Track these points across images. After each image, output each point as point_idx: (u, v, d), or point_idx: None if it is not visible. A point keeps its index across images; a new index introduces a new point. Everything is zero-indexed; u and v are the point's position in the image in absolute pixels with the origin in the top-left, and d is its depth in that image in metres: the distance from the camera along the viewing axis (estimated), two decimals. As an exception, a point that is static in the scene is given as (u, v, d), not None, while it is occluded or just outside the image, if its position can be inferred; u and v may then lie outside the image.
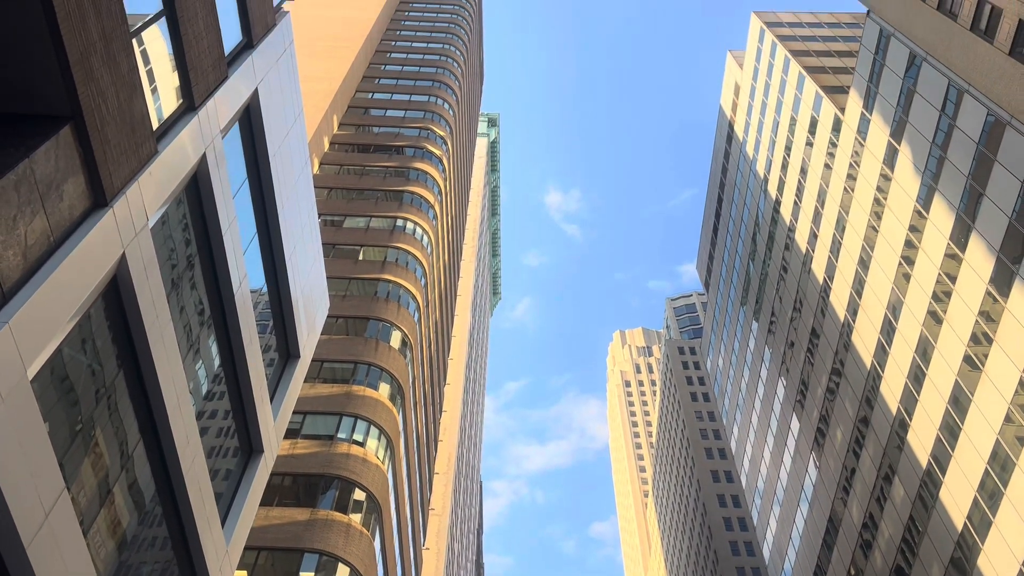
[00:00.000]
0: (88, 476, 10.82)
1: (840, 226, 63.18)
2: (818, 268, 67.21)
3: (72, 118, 10.29)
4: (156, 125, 12.85)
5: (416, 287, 47.15)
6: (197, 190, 14.59)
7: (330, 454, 33.84)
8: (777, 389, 77.03)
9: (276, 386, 19.89)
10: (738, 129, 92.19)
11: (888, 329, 54.47)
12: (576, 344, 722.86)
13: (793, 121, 73.94)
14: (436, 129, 64.20)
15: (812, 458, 67.84)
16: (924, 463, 49.08)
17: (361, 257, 47.27)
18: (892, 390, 53.62)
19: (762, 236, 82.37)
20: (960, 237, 45.68)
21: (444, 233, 64.71)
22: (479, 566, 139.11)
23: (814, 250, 68.20)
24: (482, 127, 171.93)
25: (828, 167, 66.00)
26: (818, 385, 66.59)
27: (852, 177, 61.39)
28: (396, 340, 42.36)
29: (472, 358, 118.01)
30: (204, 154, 14.38)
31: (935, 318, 48.21)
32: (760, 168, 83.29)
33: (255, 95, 17.26)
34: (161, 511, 13.32)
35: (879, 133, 57.01)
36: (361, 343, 40.56)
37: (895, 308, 53.55)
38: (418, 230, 51.71)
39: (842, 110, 64.04)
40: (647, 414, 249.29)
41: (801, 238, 71.20)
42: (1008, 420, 40.50)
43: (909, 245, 51.95)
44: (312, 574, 29.42)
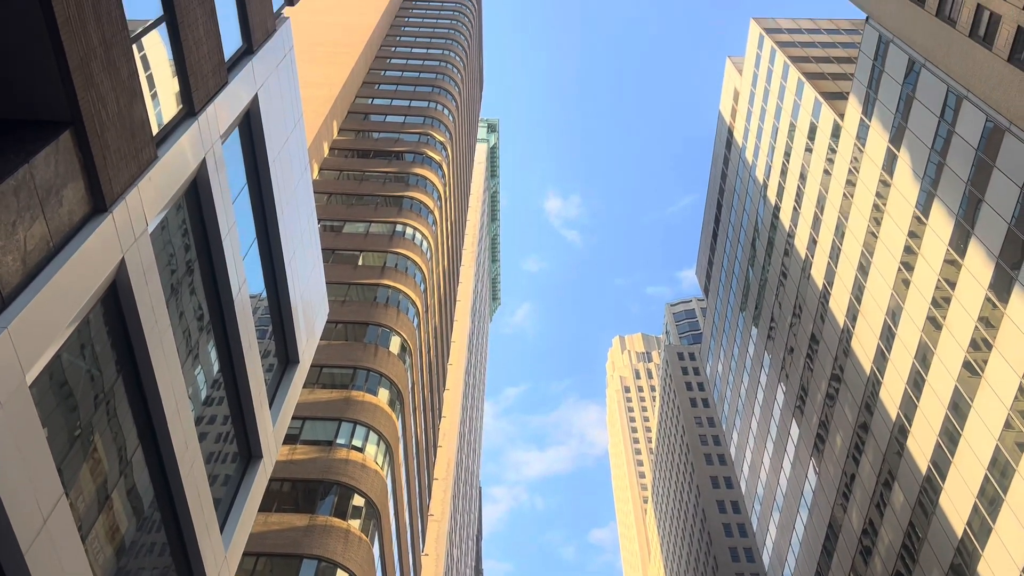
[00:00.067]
0: (87, 481, 10.81)
1: (839, 232, 63.23)
2: (817, 274, 67.23)
3: (72, 123, 10.30)
4: (156, 130, 12.86)
5: (415, 292, 47.14)
6: (197, 195, 14.60)
7: (329, 460, 33.79)
8: (777, 395, 76.98)
9: (275, 391, 19.88)
10: (737, 135, 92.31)
11: (888, 335, 54.46)
12: (576, 350, 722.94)
13: (792, 127, 74.04)
14: (436, 135, 64.26)
15: (812, 464, 67.77)
16: (924, 469, 49.02)
17: (360, 262, 47.27)
18: (892, 396, 53.59)
19: (761, 242, 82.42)
20: (959, 243, 45.71)
21: (444, 238, 64.73)
22: (478, 572, 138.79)
23: (813, 256, 68.24)
24: (482, 133, 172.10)
25: (827, 173, 66.08)
26: (818, 391, 66.55)
27: (851, 183, 61.45)
28: (395, 345, 42.34)
29: (471, 364, 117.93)
30: (204, 159, 14.39)
31: (934, 324, 48.22)
32: (759, 174, 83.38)
33: (255, 101, 17.28)
34: (160, 516, 13.29)
35: (878, 139, 57.09)
36: (360, 348, 40.54)
37: (894, 314, 53.55)
38: (417, 235, 51.72)
39: (841, 116, 64.14)
40: (647, 420, 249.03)
41: (800, 244, 71.25)
42: (1008, 426, 40.47)
43: (908, 251, 51.98)
44: (311, 580, 29.35)
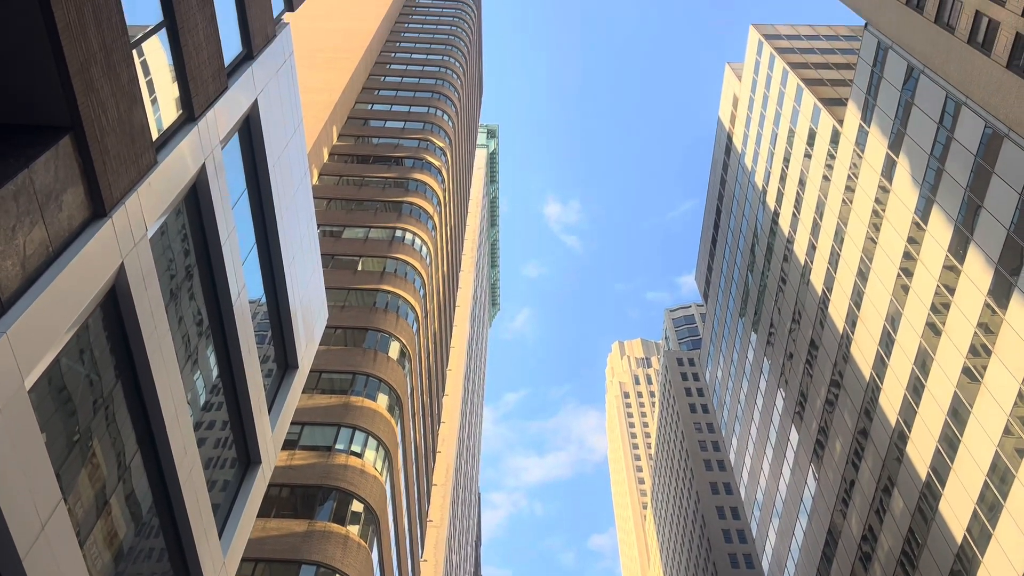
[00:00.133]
0: (85, 487, 10.79)
1: (839, 238, 63.26)
2: (817, 279, 67.25)
3: (72, 128, 10.30)
4: (156, 136, 12.87)
5: (415, 298, 47.14)
6: (196, 201, 14.60)
7: (328, 465, 33.74)
8: (776, 400, 76.93)
9: (274, 397, 19.86)
10: (737, 141, 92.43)
11: (887, 341, 54.46)
12: (575, 355, 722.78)
13: (791, 133, 74.13)
14: (435, 140, 64.33)
15: (811, 470, 67.69)
16: (923, 475, 48.97)
17: (360, 268, 47.28)
18: (891, 402, 53.56)
19: (761, 247, 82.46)
20: (958, 249, 45.74)
21: (443, 244, 64.74)
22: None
23: (813, 261, 68.26)
24: (481, 138, 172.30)
25: (826, 179, 66.15)
26: (817, 397, 66.50)
27: (850, 189, 61.51)
28: (394, 351, 42.31)
29: (471, 369, 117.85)
30: (203, 165, 14.40)
31: (934, 330, 48.22)
32: (759, 180, 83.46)
33: (255, 106, 17.30)
34: (158, 522, 13.26)
35: (877, 145, 57.17)
36: (359, 354, 40.51)
37: (894, 320, 53.55)
38: (417, 241, 51.73)
39: (840, 122, 64.23)
40: (646, 425, 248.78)
41: (800, 249, 71.28)
42: (1007, 432, 40.44)
43: (908, 257, 52.00)
44: (309, 586, 29.28)
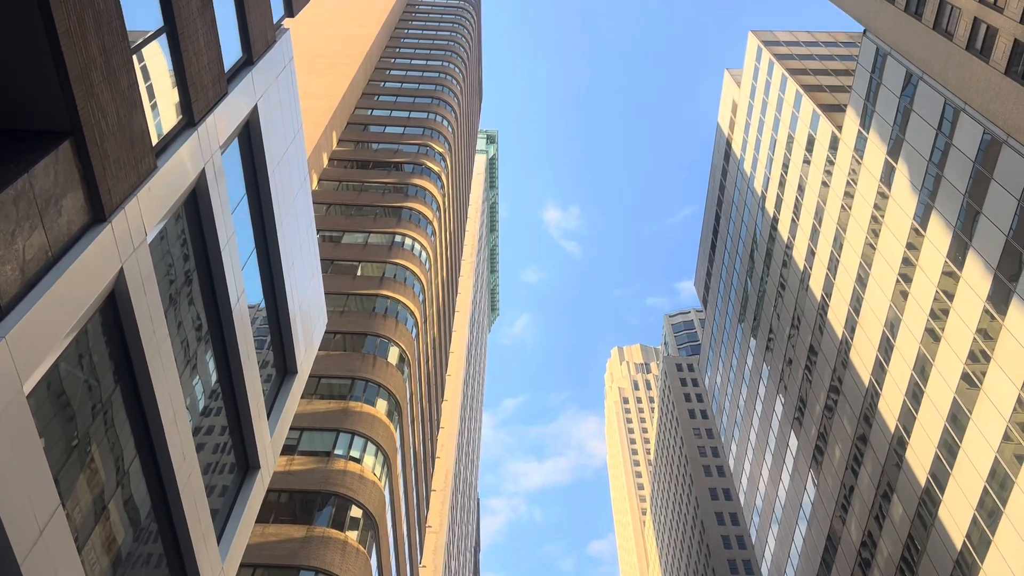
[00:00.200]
0: (83, 492, 10.77)
1: (838, 243, 63.31)
2: (816, 285, 67.27)
3: (72, 133, 10.31)
4: (155, 141, 12.88)
5: (414, 303, 47.13)
6: (196, 206, 14.61)
7: (327, 471, 33.69)
8: (775, 406, 76.88)
9: (273, 402, 19.84)
10: (736, 147, 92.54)
11: (886, 347, 54.46)
12: (574, 361, 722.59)
13: (790, 139, 74.24)
14: (435, 146, 64.40)
15: (810, 476, 67.62)
16: (923, 481, 48.92)
17: (359, 273, 47.27)
18: (890, 408, 53.54)
19: (760, 253, 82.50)
20: (957, 255, 45.78)
21: (442, 249, 64.76)
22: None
23: (812, 267, 68.30)
24: (481, 144, 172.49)
25: (825, 185, 66.22)
26: (816, 402, 66.47)
27: (849, 195, 61.58)
28: (394, 356, 42.29)
29: (470, 374, 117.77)
30: (203, 170, 14.41)
31: (933, 336, 48.22)
32: (758, 186, 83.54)
33: (255, 111, 17.31)
34: (156, 528, 13.24)
35: (876, 151, 57.25)
36: (359, 359, 40.49)
37: (893, 326, 53.56)
38: (416, 246, 51.74)
39: (839, 128, 64.33)
40: (645, 431, 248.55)
41: (799, 255, 71.32)
42: (1007, 438, 40.42)
43: (906, 263, 52.04)
44: (308, 592, 29.22)
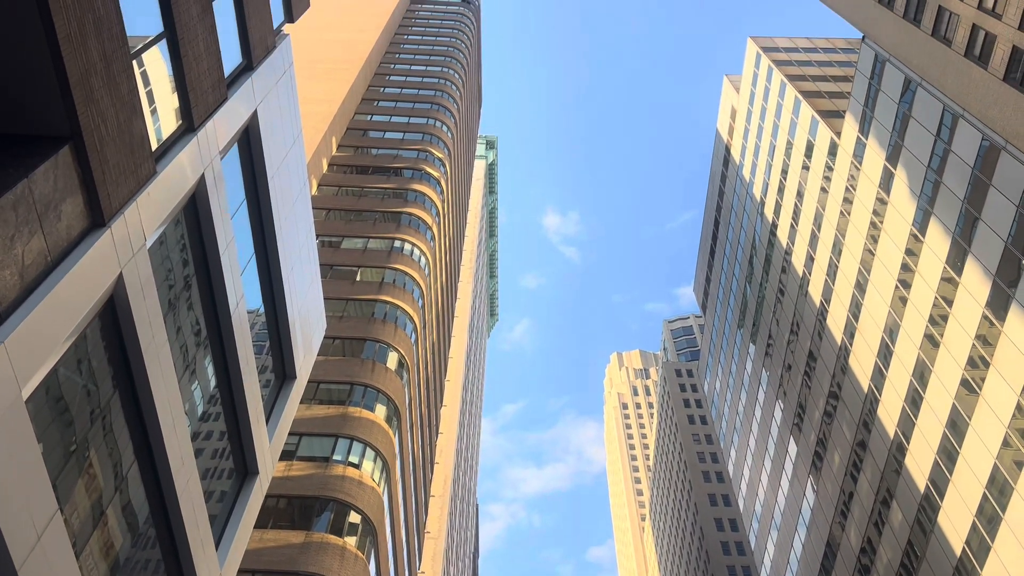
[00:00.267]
0: (82, 498, 10.75)
1: (837, 249, 63.35)
2: (815, 291, 67.29)
3: (71, 139, 10.31)
4: (155, 146, 12.89)
5: (413, 308, 47.12)
6: (195, 211, 14.61)
7: (325, 476, 33.64)
8: (775, 412, 76.83)
9: (272, 407, 19.81)
10: (735, 153, 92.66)
11: (885, 352, 54.45)
12: (573, 366, 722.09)
13: (789, 145, 74.34)
14: (434, 151, 64.46)
15: (810, 482, 67.54)
16: (922, 487, 48.87)
17: (359, 278, 47.27)
18: (889, 414, 53.51)
19: (759, 259, 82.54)
20: (956, 261, 45.81)
21: (442, 254, 64.77)
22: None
23: (811, 273, 68.33)
24: (480, 149, 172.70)
25: (824, 191, 66.29)
26: (815, 408, 66.43)
27: (848, 200, 61.65)
28: (393, 361, 42.27)
29: (469, 380, 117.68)
30: (203, 175, 14.42)
31: (932, 341, 48.22)
32: (757, 191, 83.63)
33: (254, 117, 17.33)
34: (155, 533, 13.21)
35: (875, 157, 57.33)
36: (358, 364, 40.45)
37: (892, 331, 53.57)
38: (416, 251, 51.76)
39: (838, 134, 64.43)
40: (644, 437, 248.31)
41: (798, 261, 71.36)
42: (1006, 444, 40.39)
43: (905, 268, 52.07)
44: (306, 598, 29.14)
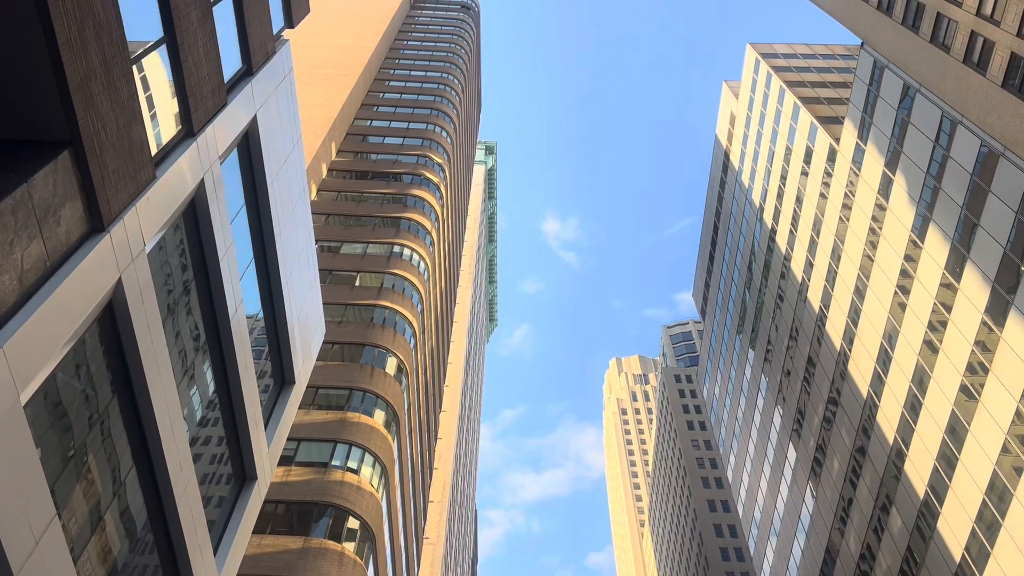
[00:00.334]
0: (80, 503, 10.72)
1: (836, 255, 63.39)
2: (814, 297, 67.31)
3: (71, 143, 10.31)
4: (155, 151, 12.89)
5: (412, 313, 47.09)
6: (195, 216, 14.61)
7: (324, 482, 33.58)
8: (774, 418, 76.78)
9: (271, 412, 19.79)
10: (734, 158, 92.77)
11: (884, 358, 54.45)
12: (573, 372, 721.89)
13: (788, 151, 74.44)
14: (434, 156, 64.51)
15: (809, 488, 67.47)
16: (921, 493, 48.83)
17: (358, 283, 47.26)
18: (889, 420, 53.48)
19: (758, 264, 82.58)
20: (955, 267, 45.84)
21: (441, 260, 64.77)
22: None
23: (810, 279, 68.35)
24: (480, 155, 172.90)
25: (823, 196, 66.36)
26: (815, 414, 66.39)
27: (847, 206, 61.71)
28: (392, 367, 42.23)
29: (468, 385, 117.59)
30: (202, 180, 14.42)
31: (931, 347, 48.23)
32: (756, 197, 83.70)
33: (254, 122, 17.34)
34: (153, 539, 13.18)
35: (874, 163, 57.40)
36: (356, 369, 40.42)
37: (891, 337, 53.57)
38: (415, 257, 51.75)
39: (837, 140, 64.52)
40: (643, 442, 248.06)
41: (797, 267, 71.39)
42: (1005, 450, 40.37)
43: (904, 274, 52.10)
44: (304, 604, 29.04)
